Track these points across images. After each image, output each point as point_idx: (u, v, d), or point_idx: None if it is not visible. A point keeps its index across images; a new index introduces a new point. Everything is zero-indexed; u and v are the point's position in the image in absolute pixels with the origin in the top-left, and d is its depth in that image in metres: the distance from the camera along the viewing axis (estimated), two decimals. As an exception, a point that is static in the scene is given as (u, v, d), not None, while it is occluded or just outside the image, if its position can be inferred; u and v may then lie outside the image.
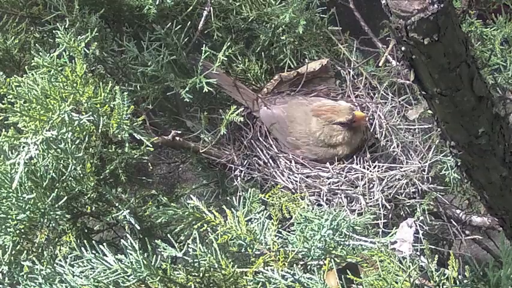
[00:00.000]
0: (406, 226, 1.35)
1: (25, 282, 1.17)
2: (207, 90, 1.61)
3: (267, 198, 1.66)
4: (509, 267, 1.17)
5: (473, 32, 1.82)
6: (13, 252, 1.24)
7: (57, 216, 1.28)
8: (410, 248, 1.31)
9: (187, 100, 1.63)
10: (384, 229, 1.61)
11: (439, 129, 1.35)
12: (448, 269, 1.22)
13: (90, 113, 1.31)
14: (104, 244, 1.14)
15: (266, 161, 1.75)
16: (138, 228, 1.36)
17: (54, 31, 1.46)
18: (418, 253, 1.32)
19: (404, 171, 1.73)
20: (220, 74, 1.71)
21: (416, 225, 1.36)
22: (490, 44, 1.81)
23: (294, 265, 1.22)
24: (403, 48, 1.15)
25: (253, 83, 1.84)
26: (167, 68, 1.63)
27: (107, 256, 1.13)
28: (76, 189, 1.35)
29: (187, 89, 1.61)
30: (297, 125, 1.76)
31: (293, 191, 1.71)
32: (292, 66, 1.85)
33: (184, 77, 1.64)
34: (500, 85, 1.80)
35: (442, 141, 1.67)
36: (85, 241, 1.18)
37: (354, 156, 1.75)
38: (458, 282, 1.20)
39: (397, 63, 1.85)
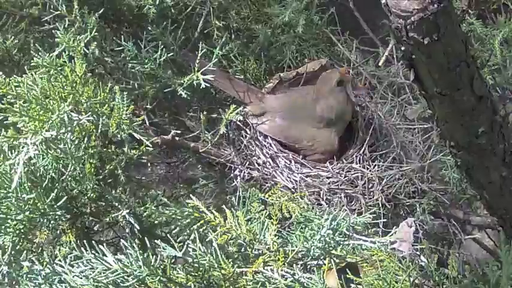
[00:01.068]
0: (406, 226, 1.35)
1: (24, 282, 1.17)
2: (204, 86, 1.60)
3: (267, 198, 1.66)
4: (509, 267, 1.16)
5: (473, 32, 1.82)
6: (12, 252, 1.24)
7: (56, 216, 1.28)
8: (410, 248, 1.31)
9: (186, 97, 1.63)
10: (383, 229, 1.61)
11: (439, 129, 1.35)
12: (448, 268, 1.22)
13: (90, 113, 1.31)
14: (104, 244, 1.14)
15: (265, 160, 1.75)
16: (138, 228, 1.36)
17: (53, 31, 1.46)
18: (418, 253, 1.32)
19: (404, 170, 1.73)
20: (216, 71, 1.71)
21: (416, 225, 1.36)
22: (490, 44, 1.81)
23: (294, 265, 1.22)
24: (403, 48, 1.15)
25: (252, 83, 1.84)
26: (165, 67, 1.63)
27: (106, 256, 1.13)
28: (75, 189, 1.35)
29: (184, 85, 1.61)
30: (300, 110, 1.76)
31: (293, 190, 1.71)
32: (291, 66, 1.85)
33: (182, 75, 1.64)
34: (500, 85, 1.80)
35: (441, 140, 1.67)
36: (85, 241, 1.18)
37: (354, 156, 1.75)
38: (458, 282, 1.20)
39: (397, 63, 1.85)
